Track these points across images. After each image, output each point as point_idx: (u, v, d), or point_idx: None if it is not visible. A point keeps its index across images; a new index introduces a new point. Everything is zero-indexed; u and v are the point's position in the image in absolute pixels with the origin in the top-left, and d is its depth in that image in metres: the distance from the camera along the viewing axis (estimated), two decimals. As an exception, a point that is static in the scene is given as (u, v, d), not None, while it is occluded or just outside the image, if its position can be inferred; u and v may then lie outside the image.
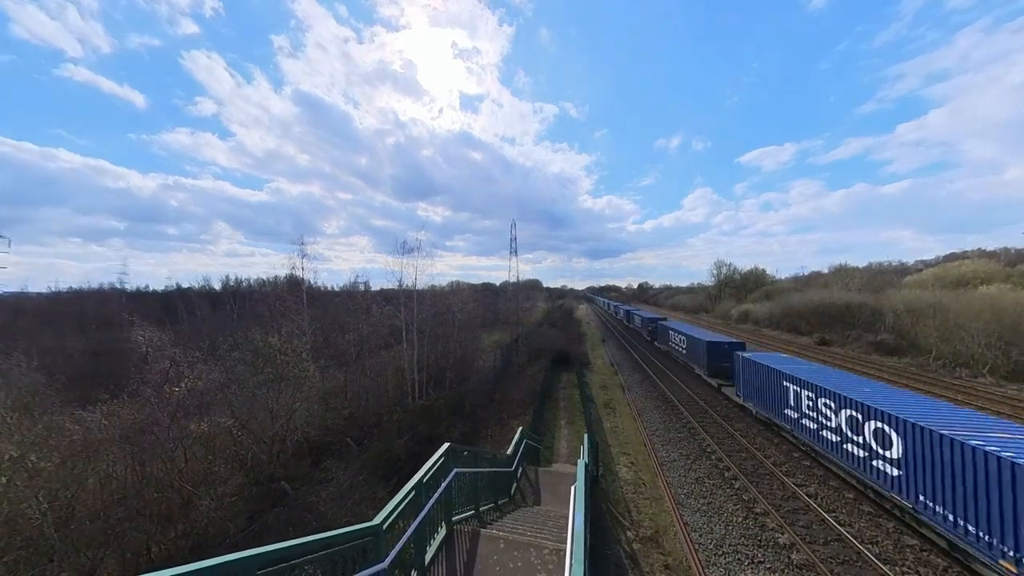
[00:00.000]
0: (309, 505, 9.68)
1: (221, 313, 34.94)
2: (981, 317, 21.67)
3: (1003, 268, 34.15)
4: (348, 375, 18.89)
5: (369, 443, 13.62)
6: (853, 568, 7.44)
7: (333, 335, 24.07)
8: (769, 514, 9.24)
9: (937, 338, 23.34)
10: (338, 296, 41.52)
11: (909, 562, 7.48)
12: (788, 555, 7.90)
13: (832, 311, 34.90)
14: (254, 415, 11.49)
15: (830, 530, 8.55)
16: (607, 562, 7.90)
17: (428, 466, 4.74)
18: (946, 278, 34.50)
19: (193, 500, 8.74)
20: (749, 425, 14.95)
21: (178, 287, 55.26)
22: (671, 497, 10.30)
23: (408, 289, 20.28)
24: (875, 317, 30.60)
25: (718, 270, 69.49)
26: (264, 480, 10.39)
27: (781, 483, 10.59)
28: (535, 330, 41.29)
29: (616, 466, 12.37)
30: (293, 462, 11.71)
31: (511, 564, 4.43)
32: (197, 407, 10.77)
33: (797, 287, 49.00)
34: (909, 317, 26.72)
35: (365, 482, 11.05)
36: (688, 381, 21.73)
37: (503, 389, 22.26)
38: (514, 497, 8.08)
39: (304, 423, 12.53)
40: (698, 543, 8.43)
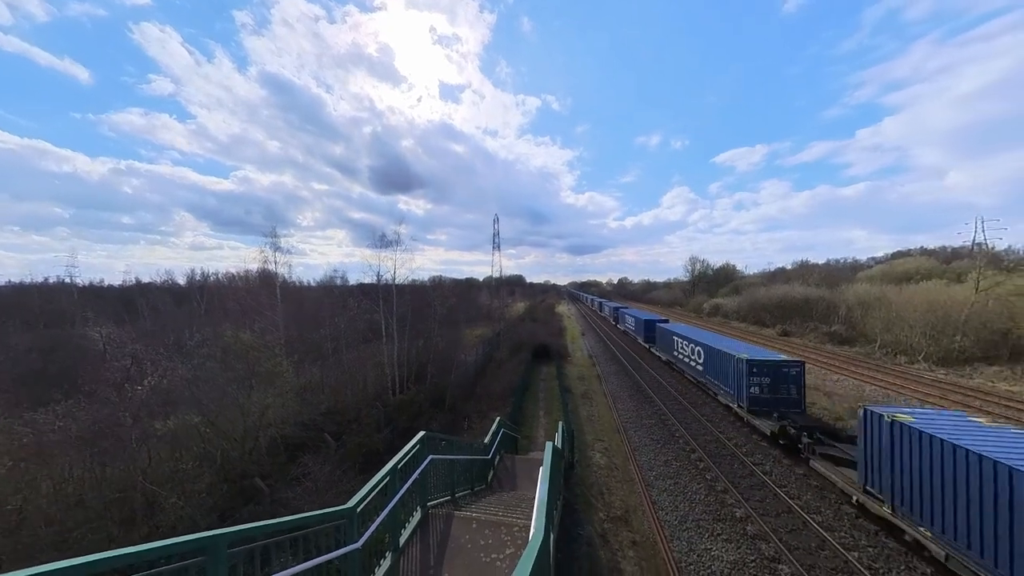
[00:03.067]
0: (284, 501, 9.60)
1: (187, 309, 33.12)
2: (918, 310, 23.88)
3: (940, 265, 37.59)
4: (325, 370, 18.54)
5: (347, 438, 13.54)
6: (799, 536, 8.22)
7: (309, 330, 23.44)
8: (729, 491, 9.99)
9: (882, 329, 25.52)
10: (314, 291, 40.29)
11: (846, 528, 8.35)
12: (744, 527, 8.61)
13: (793, 304, 37.31)
14: (224, 412, 11.17)
15: (781, 503, 9.38)
16: (579, 542, 8.34)
17: (403, 453, 4.89)
18: (892, 274, 37.62)
19: (159, 500, 8.48)
20: (715, 410, 15.92)
21: (137, 281, 51.82)
22: (641, 479, 10.92)
23: (387, 284, 20.02)
24: (830, 310, 33.00)
25: (692, 266, 72.45)
26: (236, 478, 10.18)
27: (741, 463, 11.44)
28: (517, 324, 41.74)
29: (591, 452, 12.92)
30: (267, 459, 11.50)
31: (482, 541, 4.68)
32: (162, 405, 10.36)
33: (763, 282, 51.91)
34: (859, 310, 29.02)
35: (343, 476, 11.03)
36: (661, 371, 22.73)
37: (484, 382, 22.50)
38: (491, 483, 8.35)
39: (278, 419, 12.29)
40: (664, 520, 9.03)
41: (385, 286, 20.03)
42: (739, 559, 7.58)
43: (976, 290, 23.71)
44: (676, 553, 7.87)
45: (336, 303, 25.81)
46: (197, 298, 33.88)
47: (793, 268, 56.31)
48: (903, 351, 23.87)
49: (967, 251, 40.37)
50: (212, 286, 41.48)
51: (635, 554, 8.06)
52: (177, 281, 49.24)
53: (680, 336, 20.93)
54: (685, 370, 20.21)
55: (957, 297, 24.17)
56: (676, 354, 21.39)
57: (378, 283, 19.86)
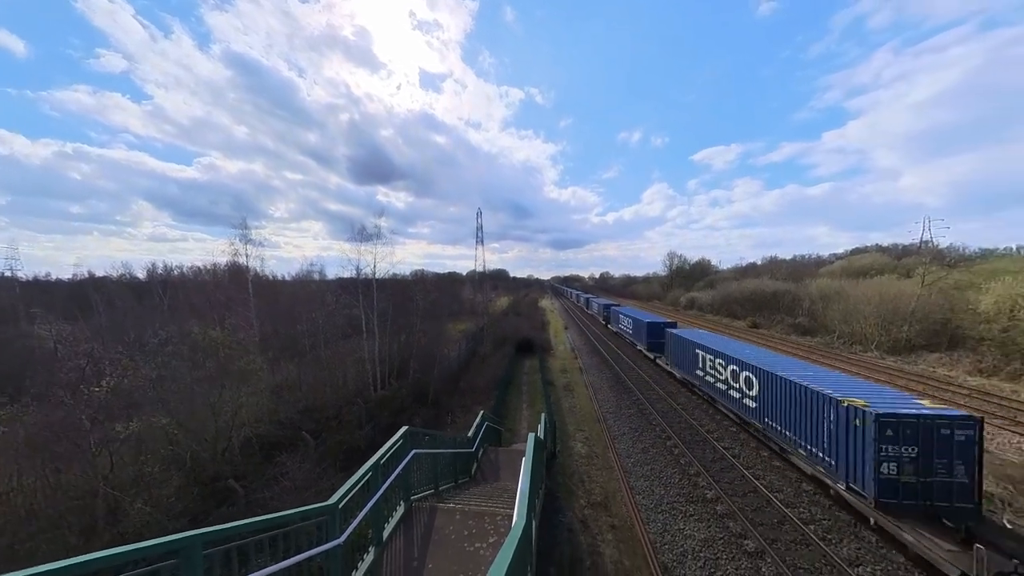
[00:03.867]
0: (261, 502, 9.34)
1: (148, 305, 31.06)
2: (872, 302, 25.78)
3: (892, 261, 40.64)
4: (302, 367, 17.98)
5: (327, 436, 13.25)
6: (764, 513, 8.82)
7: (284, 326, 22.58)
8: (701, 474, 10.55)
9: (840, 320, 27.41)
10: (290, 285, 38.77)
11: (804, 504, 9.04)
12: (714, 507, 9.15)
13: (762, 298, 39.36)
14: (194, 413, 10.66)
15: (748, 484, 10.01)
16: (560, 529, 8.61)
17: (385, 448, 4.87)
18: (850, 269, 40.36)
19: (123, 506, 8.05)
20: (689, 399, 16.68)
21: (91, 275, 47.98)
22: (620, 466, 11.35)
23: (367, 278, 19.52)
24: (795, 303, 35.05)
25: (671, 261, 74.87)
26: (208, 480, 9.78)
27: (712, 447, 12.09)
28: (501, 319, 41.83)
29: (572, 442, 13.26)
30: (242, 459, 11.10)
31: (466, 532, 4.76)
32: (124, 407, 9.76)
33: (736, 277, 54.35)
34: (821, 303, 30.98)
35: (323, 474, 10.84)
36: (639, 362, 23.51)
37: (468, 377, 22.52)
38: (474, 476, 8.44)
39: (253, 419, 11.86)
40: (641, 504, 9.45)
41: (365, 280, 19.53)
42: (709, 537, 8.07)
43: (922, 284, 25.82)
44: (652, 535, 8.27)
45: (314, 298, 24.97)
46: (159, 293, 31.82)
47: (763, 263, 59.33)
48: (858, 341, 25.77)
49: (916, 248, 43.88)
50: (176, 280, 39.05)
51: (614, 537, 8.41)
52: (136, 275, 45.91)
53: (623, 314, 20.08)
54: (624, 334, 19.63)
55: (906, 291, 26.25)
56: (620, 326, 20.22)
57: (358, 277, 19.33)
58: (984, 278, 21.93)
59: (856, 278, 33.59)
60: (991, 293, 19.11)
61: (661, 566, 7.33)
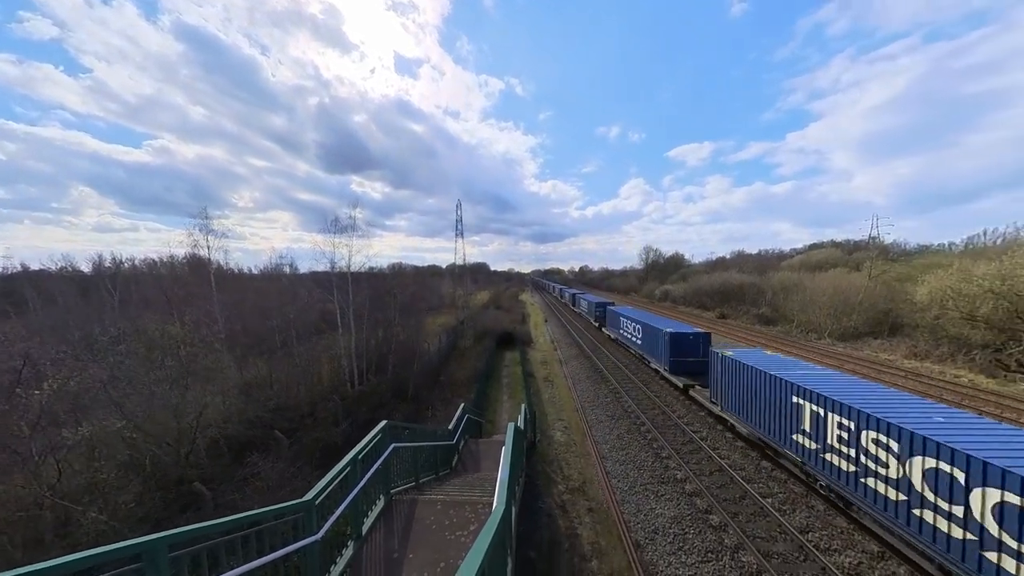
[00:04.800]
0: (231, 504, 8.98)
1: (95, 300, 28.47)
2: (826, 294, 27.91)
3: (844, 256, 44.03)
4: (273, 364, 17.24)
5: (302, 434, 12.86)
6: (728, 489, 9.49)
7: (253, 322, 21.47)
8: (672, 457, 11.16)
9: (798, 310, 29.50)
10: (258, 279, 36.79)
11: (763, 479, 9.80)
12: (683, 487, 9.73)
13: (730, 290, 41.60)
14: (153, 415, 10.00)
15: (714, 463, 10.70)
16: (540, 514, 8.87)
17: (364, 443, 4.82)
18: (808, 263, 43.37)
19: (74, 516, 7.50)
20: (663, 387, 17.48)
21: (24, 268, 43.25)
22: (596, 452, 11.79)
23: (342, 271, 18.85)
24: (759, 294, 37.29)
25: (646, 255, 77.38)
26: (171, 484, 9.27)
27: (682, 431, 12.79)
28: (481, 312, 41.76)
29: (552, 431, 13.61)
30: (208, 461, 10.58)
31: (447, 521, 4.82)
32: (71, 411, 9.00)
33: (706, 270, 57.00)
34: (781, 294, 33.15)
35: (298, 473, 10.55)
36: (615, 352, 24.32)
37: (448, 371, 22.45)
38: (455, 467, 8.51)
39: (220, 419, 11.30)
40: (616, 487, 9.90)
41: (340, 274, 18.84)
42: (678, 514, 8.60)
43: (869, 277, 28.20)
44: (626, 515, 8.71)
45: (284, 292, 23.84)
46: (108, 288, 29.21)
47: (731, 257, 62.54)
48: (813, 329, 27.88)
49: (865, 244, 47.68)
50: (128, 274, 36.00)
51: (591, 519, 8.78)
52: (79, 268, 41.85)
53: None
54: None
55: (855, 283, 28.59)
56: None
57: (332, 271, 18.61)
58: (921, 271, 24.25)
59: (813, 271, 36.17)
60: (925, 285, 21.18)
61: (634, 544, 7.75)
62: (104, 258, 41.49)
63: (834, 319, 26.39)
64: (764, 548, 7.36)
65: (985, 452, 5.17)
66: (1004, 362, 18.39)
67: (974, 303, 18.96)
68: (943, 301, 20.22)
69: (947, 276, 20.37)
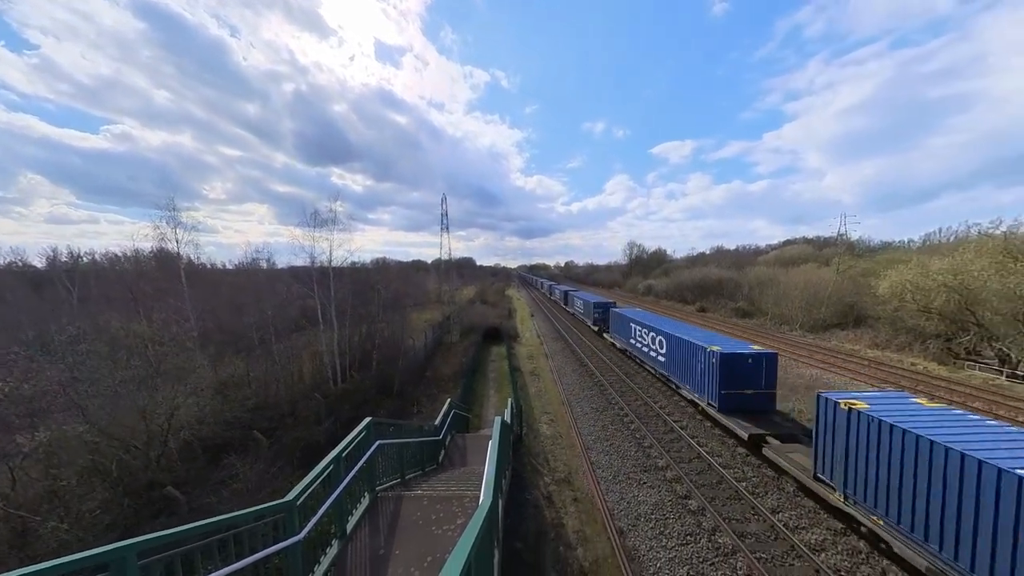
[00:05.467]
0: (207, 507, 8.67)
1: (51, 296, 26.56)
2: (797, 288, 29.31)
3: (815, 252, 46.26)
4: (251, 363, 16.62)
5: (282, 433, 12.51)
6: (705, 475, 9.89)
7: (228, 319, 20.59)
8: (653, 446, 11.53)
9: (772, 304, 30.86)
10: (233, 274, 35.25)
11: (738, 464, 10.27)
12: (664, 474, 10.07)
13: (709, 284, 43.03)
14: (119, 417, 9.47)
15: (693, 451, 11.12)
16: (527, 506, 9.00)
17: (347, 441, 4.73)
18: (782, 259, 45.34)
19: (32, 527, 7.05)
20: (645, 378, 17.96)
21: (-34, 263, 39.67)
22: (581, 444, 12.03)
23: (323, 266, 18.27)
24: (736, 289, 38.74)
25: (630, 250, 78.88)
26: (141, 489, 8.85)
27: (664, 421, 13.21)
28: (467, 307, 41.57)
29: (538, 424, 13.78)
30: (182, 464, 10.15)
31: (433, 516, 4.82)
32: (26, 416, 8.40)
33: (687, 265, 58.66)
34: (757, 289, 34.56)
35: (279, 474, 10.28)
36: (600, 348, 24.77)
37: (434, 366, 22.28)
38: (442, 463, 8.50)
39: (194, 420, 10.83)
40: (600, 477, 10.14)
41: (320, 269, 18.26)
42: (659, 500, 8.91)
43: (836, 272, 29.74)
44: (610, 504, 8.95)
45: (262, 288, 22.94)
46: (65, 283, 27.28)
47: (711, 253, 64.58)
48: (786, 321, 29.26)
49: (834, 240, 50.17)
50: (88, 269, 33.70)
51: (576, 509, 8.98)
52: (31, 262, 38.81)
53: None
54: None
55: (824, 278, 30.11)
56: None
57: (312, 265, 18.00)
58: (883, 267, 25.76)
59: (787, 267, 37.81)
60: (887, 279, 22.54)
61: (617, 531, 7.99)
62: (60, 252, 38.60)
63: (805, 312, 27.78)
64: (739, 529, 7.74)
65: None
66: (954, 351, 19.90)
67: (929, 296, 20.35)
68: (902, 294, 21.60)
69: (906, 271, 21.75)
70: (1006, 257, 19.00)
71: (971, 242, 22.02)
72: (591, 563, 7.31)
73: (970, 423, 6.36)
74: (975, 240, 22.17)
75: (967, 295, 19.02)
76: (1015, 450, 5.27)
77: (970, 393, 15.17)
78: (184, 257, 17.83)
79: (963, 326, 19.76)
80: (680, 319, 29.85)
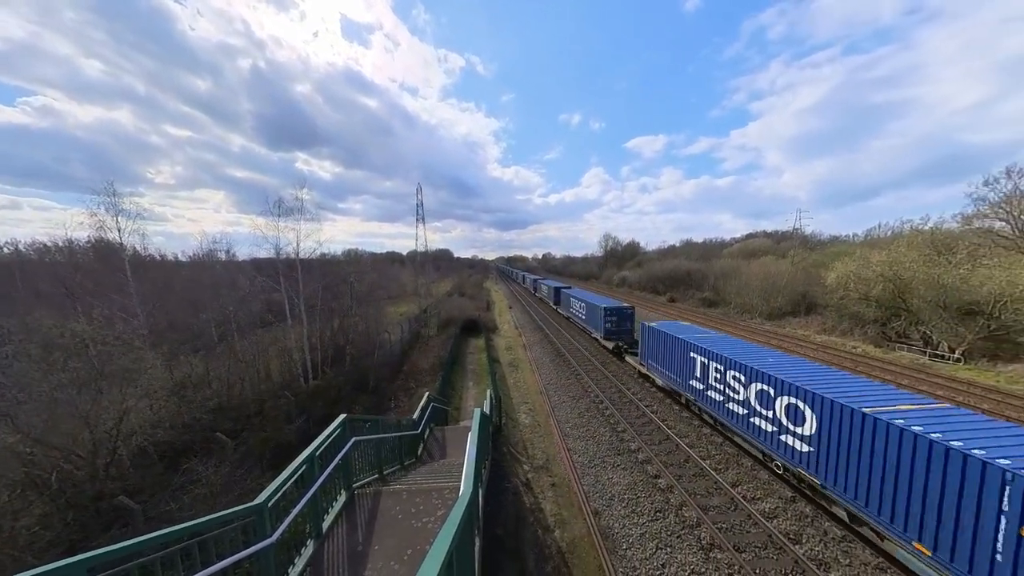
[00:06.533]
0: (166, 516, 8.14)
1: (-37, 293, 23.31)
2: (757, 279, 31.37)
3: (774, 245, 49.60)
4: (211, 361, 15.57)
5: (249, 434, 11.90)
6: (674, 455, 10.52)
7: (183, 315, 19.08)
8: (627, 430, 12.08)
9: (735, 294, 32.88)
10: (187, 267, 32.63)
11: (703, 444, 11.00)
12: (636, 456, 10.60)
13: (678, 276, 45.07)
14: (57, 425, 8.60)
15: (663, 433, 11.77)
16: (506, 494, 9.18)
17: (321, 439, 4.59)
18: (745, 251, 48.28)
19: (-44, 549, 6.30)
20: (619, 367, 18.67)
21: None
22: (559, 431, 12.38)
23: (290, 258, 17.26)
24: (703, 280, 40.84)
25: (605, 243, 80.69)
26: (88, 501, 8.14)
27: (636, 406, 13.84)
28: (445, 300, 41.02)
29: (517, 414, 14.00)
30: (135, 472, 9.43)
31: (413, 509, 4.81)
32: (-61, 427, 7.41)
33: (659, 258, 60.95)
34: (722, 279, 36.63)
35: (246, 476, 9.81)
36: (574, 334, 25.40)
37: (412, 360, 21.92)
38: (421, 456, 8.46)
39: (147, 424, 10.05)
40: (577, 462, 10.52)
41: (287, 261, 17.25)
42: (632, 481, 9.39)
43: (792, 264, 32.10)
44: (586, 487, 9.32)
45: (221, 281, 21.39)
46: (-19, 277, 24.04)
47: (681, 245, 67.43)
48: (747, 310, 31.32)
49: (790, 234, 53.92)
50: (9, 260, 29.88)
51: (553, 494, 9.28)
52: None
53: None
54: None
55: (781, 269, 32.40)
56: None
57: (278, 257, 16.95)
58: (831, 259, 28.11)
59: (748, 259, 40.25)
60: (834, 271, 24.66)
61: (593, 512, 8.36)
62: (-29, 241, 33.85)
63: (764, 301, 29.84)
64: (703, 503, 8.34)
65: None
66: (887, 334, 22.21)
67: (869, 286, 22.49)
68: (847, 284, 23.73)
69: (850, 263, 23.86)
70: (932, 250, 21.33)
71: (904, 237, 24.47)
72: (568, 544, 7.63)
73: (692, 328, 15.05)
74: (907, 235, 24.65)
75: (900, 284, 21.20)
76: (691, 334, 13.37)
77: (900, 372, 17.04)
78: (129, 248, 16.17)
79: (896, 312, 22.06)
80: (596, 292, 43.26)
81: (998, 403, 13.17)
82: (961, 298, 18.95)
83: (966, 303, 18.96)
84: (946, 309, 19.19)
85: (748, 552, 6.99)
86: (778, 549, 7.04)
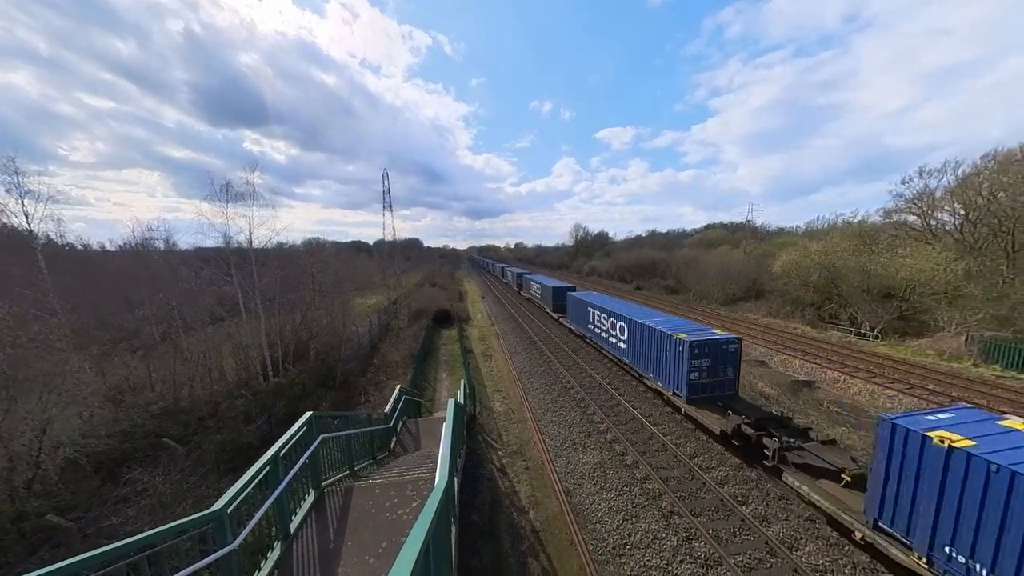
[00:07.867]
0: (106, 531, 7.43)
1: None
2: (714, 267, 33.68)
3: (729, 235, 53.25)
4: (153, 362, 14.15)
5: (202, 438, 11.04)
6: (639, 434, 11.21)
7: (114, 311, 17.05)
8: (596, 412, 12.66)
9: (694, 281, 35.09)
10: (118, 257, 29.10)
11: (666, 422, 11.81)
12: (604, 436, 11.17)
13: (644, 265, 47.22)
14: (-40, 441, 7.45)
15: (629, 413, 12.48)
16: (482, 480, 9.34)
17: (286, 438, 4.37)
18: (704, 242, 51.42)
19: None
20: (589, 352, 19.38)
21: None
22: (532, 417, 12.71)
23: (242, 247, 15.87)
24: (666, 268, 43.10)
25: (576, 233, 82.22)
26: (7, 523, 7.22)
27: (605, 389, 14.51)
28: (416, 291, 40.00)
29: (491, 403, 14.16)
30: (66, 487, 8.47)
31: (387, 503, 4.76)
32: None
33: (626, 247, 63.26)
34: (683, 268, 38.88)
35: (201, 482, 9.15)
36: (547, 323, 25.96)
37: (381, 353, 21.30)
38: (394, 449, 8.34)
39: (76, 434, 9.00)
40: (550, 445, 10.89)
41: (238, 251, 15.86)
42: (601, 460, 9.92)
43: (744, 253, 34.73)
44: (558, 468, 9.72)
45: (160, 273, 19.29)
46: None
47: (646, 236, 70.31)
48: (705, 297, 33.59)
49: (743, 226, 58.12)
50: None
51: (528, 476, 9.59)
52: None
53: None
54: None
55: (735, 258, 34.97)
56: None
57: (227, 247, 15.52)
58: (778, 249, 30.79)
59: (707, 249, 42.92)
60: (779, 259, 27.09)
61: (565, 491, 8.75)
62: None
63: (720, 288, 32.15)
64: (664, 475, 9.02)
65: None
66: (821, 316, 24.90)
67: (808, 273, 24.96)
68: (789, 271, 26.15)
69: (793, 252, 26.30)
70: (859, 241, 24.02)
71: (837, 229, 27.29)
72: (542, 522, 7.95)
73: (597, 295, 20.01)
74: (840, 227, 27.51)
75: (833, 271, 23.72)
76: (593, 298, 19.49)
77: (830, 348, 19.22)
78: (41, 236, 14.05)
79: (828, 296, 24.73)
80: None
81: (905, 372, 15.44)
82: (881, 283, 21.65)
83: (885, 287, 21.72)
84: (869, 293, 21.83)
85: (703, 516, 7.70)
86: (728, 511, 7.81)
